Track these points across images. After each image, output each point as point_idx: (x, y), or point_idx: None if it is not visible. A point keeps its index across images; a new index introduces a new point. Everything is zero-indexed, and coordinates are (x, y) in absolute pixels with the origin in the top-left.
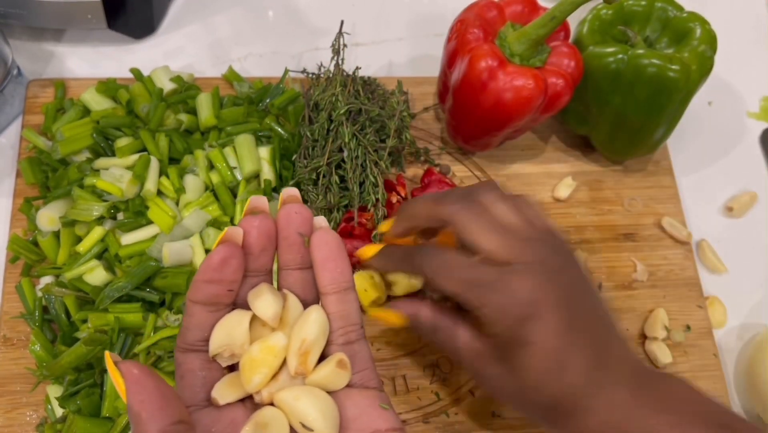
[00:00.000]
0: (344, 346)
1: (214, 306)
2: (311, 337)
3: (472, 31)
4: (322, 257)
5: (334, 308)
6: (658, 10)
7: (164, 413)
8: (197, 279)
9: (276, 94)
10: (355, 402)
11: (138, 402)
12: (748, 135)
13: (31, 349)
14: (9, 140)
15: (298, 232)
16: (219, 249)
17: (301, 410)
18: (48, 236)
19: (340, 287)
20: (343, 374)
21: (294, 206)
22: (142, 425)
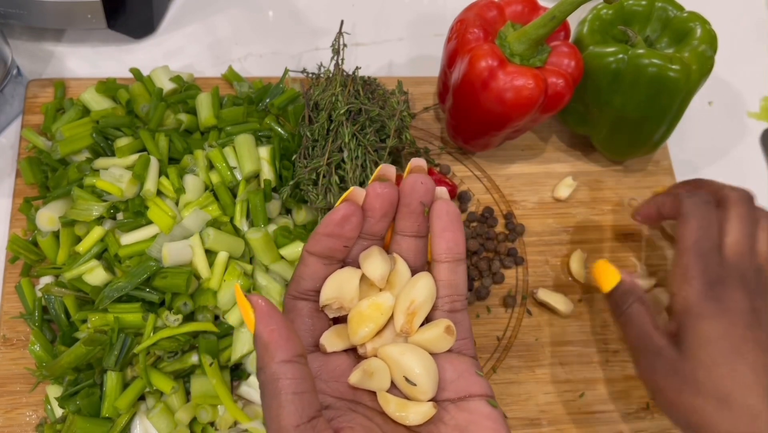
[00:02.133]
0: (449, 313)
1: (329, 259)
2: (419, 299)
3: (472, 31)
4: (440, 226)
5: (444, 276)
6: (658, 10)
7: (289, 345)
8: (318, 232)
9: (276, 94)
10: (454, 366)
11: (268, 331)
12: (748, 135)
13: (31, 349)
14: (9, 140)
15: (421, 201)
16: (342, 206)
17: (407, 364)
18: (48, 236)
19: (453, 257)
20: (448, 339)
21: (420, 176)
22: (271, 352)
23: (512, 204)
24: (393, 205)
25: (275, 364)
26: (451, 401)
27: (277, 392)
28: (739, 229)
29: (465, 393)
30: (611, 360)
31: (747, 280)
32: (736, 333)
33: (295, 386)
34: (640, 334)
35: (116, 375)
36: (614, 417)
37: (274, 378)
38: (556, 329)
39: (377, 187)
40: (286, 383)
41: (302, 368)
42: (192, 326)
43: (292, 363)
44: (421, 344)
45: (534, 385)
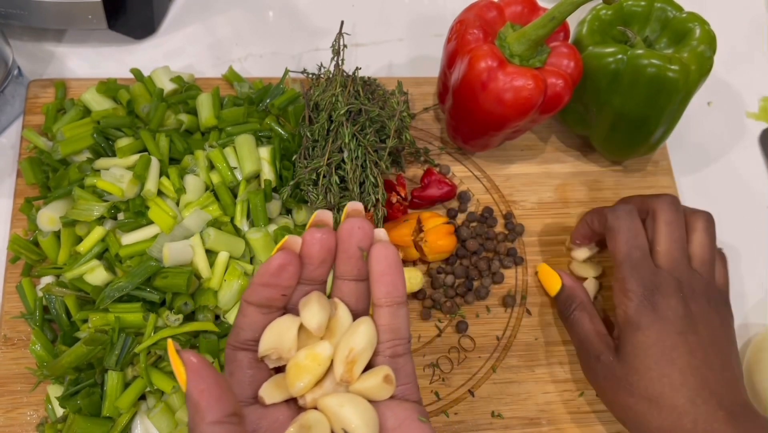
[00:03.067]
0: (390, 358)
1: (267, 309)
2: (359, 347)
3: (472, 32)
4: (379, 270)
5: (385, 321)
6: (657, 11)
7: (221, 405)
8: (254, 282)
9: (276, 94)
10: (396, 413)
11: (198, 391)
12: (747, 135)
13: (32, 349)
14: (9, 140)
15: (358, 246)
16: (278, 255)
17: (345, 416)
18: (48, 236)
19: (393, 301)
20: (387, 388)
21: (357, 221)
22: (201, 413)
23: (512, 204)
24: (331, 252)
25: (205, 425)
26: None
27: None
28: (667, 235)
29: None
30: None
31: (681, 285)
32: (668, 340)
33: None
34: (581, 339)
35: (117, 375)
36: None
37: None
38: (555, 329)
39: (315, 233)
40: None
41: (233, 429)
42: (193, 326)
43: (222, 424)
44: (362, 393)
45: (533, 384)
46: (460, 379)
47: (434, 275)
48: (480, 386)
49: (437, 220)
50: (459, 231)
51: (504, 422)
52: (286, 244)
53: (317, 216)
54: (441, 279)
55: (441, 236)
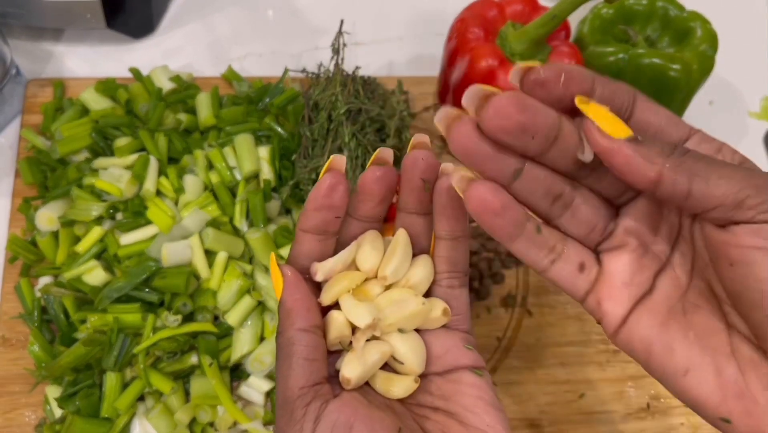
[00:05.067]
0: (447, 289)
1: (323, 234)
2: (415, 278)
3: (473, 31)
4: (442, 203)
5: (445, 253)
6: (659, 10)
7: (309, 315)
8: (307, 208)
9: (275, 93)
10: (443, 342)
11: (292, 300)
12: (749, 135)
13: (30, 349)
14: (8, 140)
15: (422, 177)
16: (326, 177)
17: (393, 344)
18: (47, 236)
19: (453, 235)
20: (442, 319)
21: (421, 152)
22: (291, 319)
23: None
24: (391, 189)
25: (293, 330)
26: (437, 374)
27: (290, 356)
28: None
29: (451, 366)
30: (611, 360)
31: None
32: None
33: (307, 352)
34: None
35: (116, 375)
36: (614, 418)
37: (290, 342)
38: (556, 330)
39: (375, 171)
40: (299, 349)
41: (316, 338)
42: (191, 327)
43: (308, 332)
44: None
45: (534, 385)
46: None
47: None
48: None
49: None
50: None
51: None
52: (332, 164)
53: (379, 153)
54: None
55: None
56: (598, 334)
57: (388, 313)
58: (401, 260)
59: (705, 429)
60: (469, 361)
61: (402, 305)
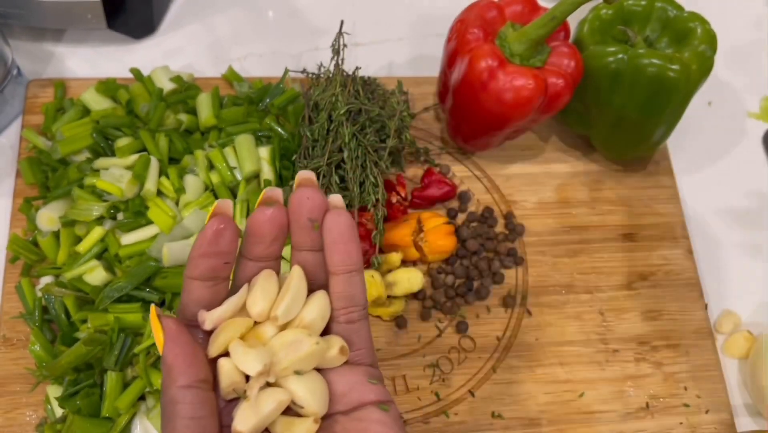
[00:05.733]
0: (346, 325)
1: (212, 281)
2: (309, 317)
3: (472, 31)
4: (331, 238)
5: (339, 289)
6: (658, 10)
7: (191, 370)
8: (193, 255)
9: (276, 94)
10: (346, 379)
11: (173, 355)
12: (748, 135)
13: (31, 349)
14: (9, 140)
15: (308, 217)
16: (212, 222)
17: (292, 389)
18: (48, 236)
19: (347, 269)
20: (341, 358)
21: (306, 191)
22: (173, 376)
23: (512, 204)
24: (282, 229)
25: (174, 388)
26: (342, 413)
27: (174, 416)
28: None
29: (357, 403)
30: (611, 360)
31: None
32: None
33: (192, 411)
34: None
35: (116, 375)
36: (614, 417)
37: (173, 402)
38: (556, 329)
39: (264, 211)
40: (183, 408)
41: (202, 394)
42: None
43: (192, 388)
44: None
45: (534, 385)
46: (461, 379)
47: (434, 275)
48: (480, 386)
49: (437, 220)
50: (459, 231)
51: (504, 422)
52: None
53: (266, 193)
54: (441, 279)
55: (441, 236)
56: (597, 334)
57: (282, 356)
58: (293, 299)
59: (704, 429)
60: (375, 396)
61: (296, 347)
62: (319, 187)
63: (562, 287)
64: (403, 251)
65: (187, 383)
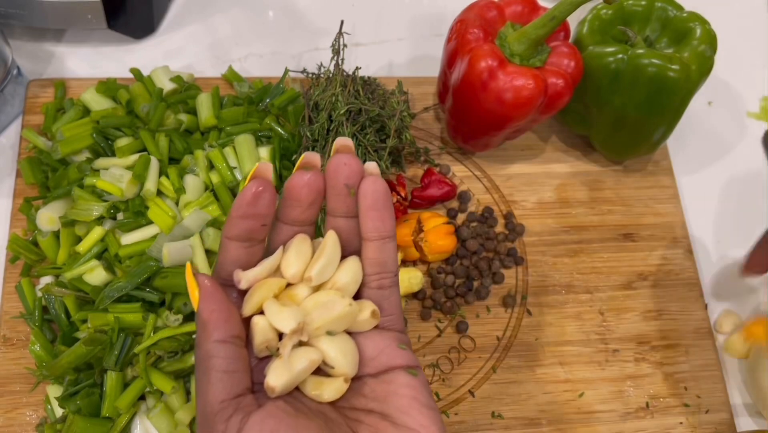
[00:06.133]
0: (377, 290)
1: (249, 242)
2: (342, 280)
3: (472, 31)
4: (366, 205)
5: (372, 255)
6: (658, 10)
7: (227, 325)
8: (232, 216)
9: (276, 94)
10: (375, 343)
11: (208, 311)
12: (748, 135)
13: (31, 349)
14: (9, 140)
15: (345, 183)
16: (251, 184)
17: (323, 349)
18: (48, 236)
19: (380, 236)
20: (372, 321)
21: (343, 157)
22: (207, 331)
23: (512, 204)
24: (319, 193)
25: (210, 343)
26: (371, 376)
27: (208, 369)
28: None
29: (385, 367)
30: (611, 360)
31: None
32: None
33: (226, 364)
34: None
35: (116, 375)
36: (614, 417)
37: (208, 355)
38: (555, 329)
39: (302, 176)
40: (217, 362)
41: (235, 349)
42: (192, 326)
43: (226, 343)
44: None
45: (534, 385)
46: (461, 379)
47: (434, 275)
48: (480, 386)
49: (437, 220)
50: (459, 231)
51: (504, 422)
52: (258, 172)
53: (305, 158)
54: (441, 279)
55: (441, 236)
56: (597, 334)
57: (315, 316)
58: (328, 262)
59: (704, 428)
60: (403, 361)
61: (329, 307)
62: (356, 154)
63: (562, 286)
64: (403, 251)
65: (222, 338)
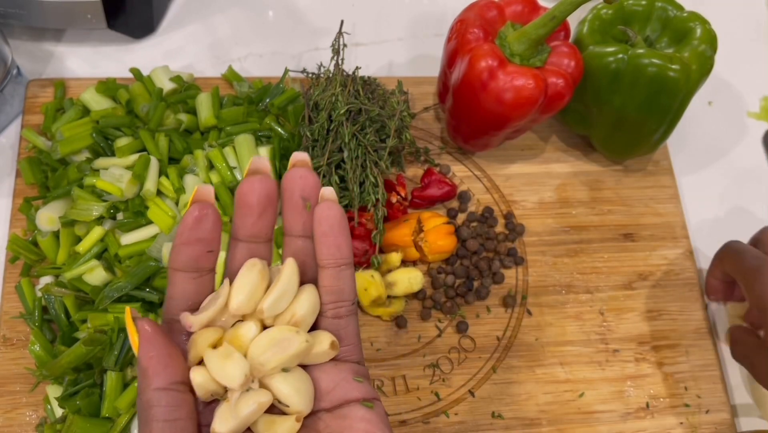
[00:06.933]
0: (333, 319)
1: (196, 272)
2: (300, 313)
3: (472, 31)
4: (321, 231)
5: (328, 282)
6: (658, 10)
7: (167, 372)
8: (176, 244)
9: (276, 94)
10: (331, 376)
11: (147, 358)
12: (748, 135)
13: (31, 349)
14: (9, 140)
15: (301, 195)
16: (192, 208)
17: (277, 387)
18: (47, 236)
19: (336, 263)
20: (331, 353)
21: (299, 170)
22: (148, 378)
23: (512, 204)
24: (271, 199)
25: (150, 391)
26: (326, 411)
27: (149, 420)
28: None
29: (341, 401)
30: (611, 360)
31: None
32: None
33: (167, 413)
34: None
35: (116, 375)
36: (614, 417)
37: (149, 405)
38: (556, 329)
39: (252, 180)
40: (158, 411)
41: (178, 396)
42: None
43: (167, 391)
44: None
45: (534, 385)
46: (461, 379)
47: (434, 275)
48: (480, 386)
49: (437, 220)
50: (459, 231)
51: (504, 422)
52: (198, 196)
53: (252, 163)
54: (441, 279)
55: (441, 236)
56: (597, 334)
57: (269, 356)
58: (282, 293)
59: (704, 429)
60: (360, 394)
61: (284, 346)
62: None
63: (562, 286)
64: (403, 251)
65: (163, 385)
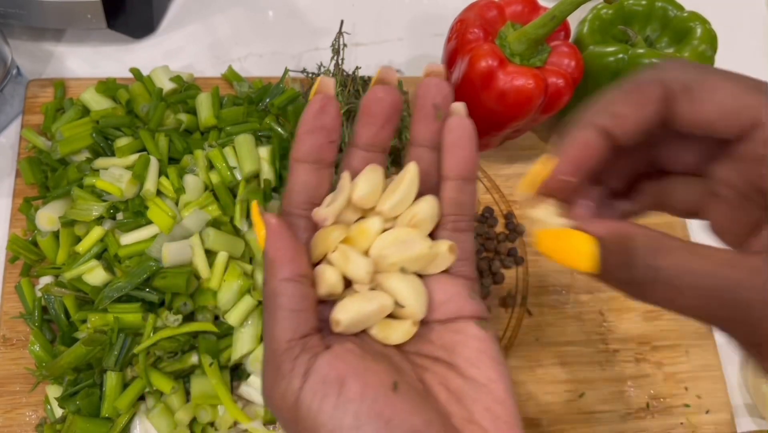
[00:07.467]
0: (452, 232)
1: (317, 164)
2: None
3: (473, 31)
4: (451, 140)
5: (451, 194)
6: (658, 10)
7: (293, 264)
8: (299, 133)
9: (276, 94)
10: (446, 288)
11: (274, 249)
12: None
13: (31, 349)
14: (8, 140)
15: (434, 103)
16: (315, 99)
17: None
18: (47, 236)
19: (460, 175)
20: (449, 258)
21: (434, 79)
22: (274, 269)
23: (512, 204)
24: (395, 109)
25: (277, 281)
26: (439, 322)
27: (275, 308)
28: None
29: (454, 315)
30: (611, 360)
31: None
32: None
33: (293, 303)
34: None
35: (116, 375)
36: (614, 417)
37: (274, 294)
38: (556, 329)
39: (378, 90)
40: (284, 300)
41: (302, 288)
42: (192, 326)
43: (293, 282)
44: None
45: (534, 385)
46: None
47: None
48: None
49: None
50: None
51: None
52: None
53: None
54: None
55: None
56: (597, 334)
57: (392, 251)
58: (404, 194)
59: (704, 429)
60: (474, 311)
61: (408, 246)
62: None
63: (562, 287)
64: None
65: (289, 276)
